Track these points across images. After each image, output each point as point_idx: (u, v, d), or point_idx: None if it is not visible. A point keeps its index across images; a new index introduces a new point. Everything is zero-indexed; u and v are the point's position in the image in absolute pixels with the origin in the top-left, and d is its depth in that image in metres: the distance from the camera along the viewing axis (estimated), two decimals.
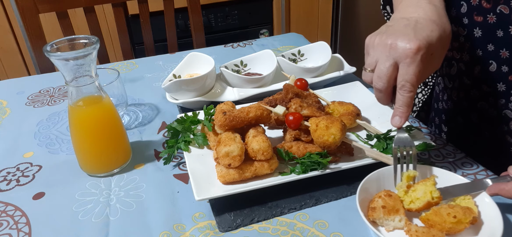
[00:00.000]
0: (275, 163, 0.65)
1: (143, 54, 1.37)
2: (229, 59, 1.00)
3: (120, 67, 1.14)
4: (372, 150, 0.67)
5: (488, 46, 0.70)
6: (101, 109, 0.70)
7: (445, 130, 0.87)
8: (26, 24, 1.25)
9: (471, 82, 0.76)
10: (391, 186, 0.60)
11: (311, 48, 1.02)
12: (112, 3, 1.36)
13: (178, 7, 1.62)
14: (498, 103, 0.72)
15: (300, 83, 0.80)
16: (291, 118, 0.67)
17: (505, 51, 0.68)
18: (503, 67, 0.69)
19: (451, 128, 0.85)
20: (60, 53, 0.63)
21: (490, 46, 0.70)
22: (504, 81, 0.70)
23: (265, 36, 2.21)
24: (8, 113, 0.94)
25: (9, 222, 0.63)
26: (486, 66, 0.71)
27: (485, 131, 0.77)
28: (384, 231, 0.55)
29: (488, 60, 0.71)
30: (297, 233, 0.59)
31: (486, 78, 0.72)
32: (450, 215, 0.52)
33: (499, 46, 0.68)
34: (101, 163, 0.71)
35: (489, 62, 0.71)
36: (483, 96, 0.75)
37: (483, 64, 0.72)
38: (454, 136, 0.85)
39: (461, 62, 0.76)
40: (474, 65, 0.74)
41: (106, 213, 0.64)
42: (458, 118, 0.82)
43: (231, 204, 0.63)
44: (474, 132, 0.79)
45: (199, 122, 0.76)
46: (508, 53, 0.68)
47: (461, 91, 0.79)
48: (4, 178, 0.73)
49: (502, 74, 0.70)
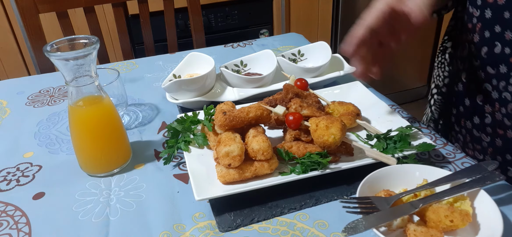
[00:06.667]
0: (275, 163, 0.65)
1: (143, 54, 1.37)
2: (229, 59, 1.00)
3: (120, 67, 1.14)
4: (372, 150, 0.67)
5: (495, 27, 0.71)
6: (101, 109, 0.70)
7: (454, 113, 0.88)
8: (26, 24, 1.25)
9: (478, 63, 0.77)
10: (391, 186, 0.60)
11: (311, 48, 1.02)
12: (112, 3, 1.36)
13: (178, 7, 1.62)
14: (500, 85, 0.73)
15: (300, 83, 0.80)
16: (291, 118, 0.67)
17: (509, 32, 0.69)
18: (506, 48, 0.70)
19: (459, 111, 0.87)
20: (60, 53, 0.63)
21: (497, 27, 0.70)
22: (506, 63, 0.71)
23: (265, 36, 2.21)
24: (8, 113, 0.94)
25: (9, 222, 0.63)
26: (491, 47, 0.72)
27: (488, 114, 0.78)
28: (384, 231, 0.55)
29: (494, 41, 0.72)
30: (297, 233, 0.59)
31: (491, 59, 0.73)
32: (448, 218, 0.52)
33: (504, 28, 0.69)
34: (101, 163, 0.71)
35: (495, 44, 0.71)
36: (487, 77, 0.75)
37: (489, 46, 0.73)
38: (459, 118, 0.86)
39: (472, 44, 0.77)
40: (482, 47, 0.75)
41: (106, 213, 0.64)
42: (466, 101, 0.83)
43: (231, 204, 0.63)
44: (478, 114, 0.80)
45: (199, 122, 0.76)
46: (511, 35, 0.68)
47: (470, 73, 0.80)
48: (4, 178, 0.73)
49: (505, 56, 0.71)
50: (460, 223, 0.52)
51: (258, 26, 2.19)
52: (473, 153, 0.85)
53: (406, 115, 0.84)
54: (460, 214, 0.52)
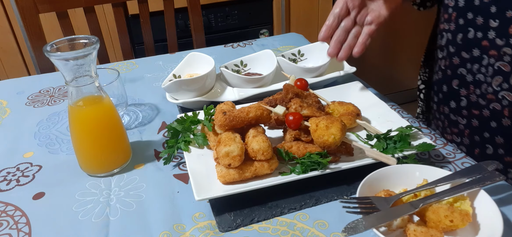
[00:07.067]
0: (275, 163, 0.65)
1: (143, 54, 1.37)
2: (229, 59, 1.00)
3: (120, 67, 1.14)
4: (372, 150, 0.67)
5: (468, 14, 0.78)
6: (101, 109, 0.70)
7: (435, 101, 0.95)
8: (26, 24, 1.25)
9: (454, 50, 0.84)
10: (391, 186, 0.60)
11: (311, 48, 1.02)
12: (112, 3, 1.36)
13: (178, 7, 1.62)
14: (473, 68, 0.80)
15: (300, 83, 0.80)
16: (291, 118, 0.67)
17: (480, 18, 0.76)
18: (478, 33, 0.77)
19: (438, 98, 0.94)
20: (60, 53, 0.63)
21: (469, 14, 0.78)
22: (478, 46, 0.78)
23: (265, 36, 2.21)
24: (8, 113, 0.94)
25: (9, 222, 0.63)
26: (465, 33, 0.80)
27: (463, 97, 0.84)
28: (384, 231, 0.55)
29: (468, 27, 0.79)
30: (297, 233, 0.59)
31: (465, 44, 0.81)
32: (447, 218, 0.52)
33: (476, 14, 0.77)
34: (101, 163, 0.71)
35: (468, 29, 0.79)
36: (462, 62, 0.82)
37: (463, 32, 0.80)
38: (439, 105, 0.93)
39: (449, 32, 0.85)
40: (457, 33, 0.82)
41: (106, 213, 0.64)
42: (443, 87, 0.90)
43: (231, 204, 0.63)
44: (454, 98, 0.87)
45: (199, 122, 0.76)
46: (482, 20, 0.76)
47: (447, 59, 0.87)
48: (4, 178, 0.73)
49: (477, 40, 0.78)
50: (460, 223, 0.52)
51: (258, 26, 2.19)
52: (451, 137, 0.90)
53: (406, 115, 0.84)
54: (460, 214, 0.52)
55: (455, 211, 0.53)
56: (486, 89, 0.78)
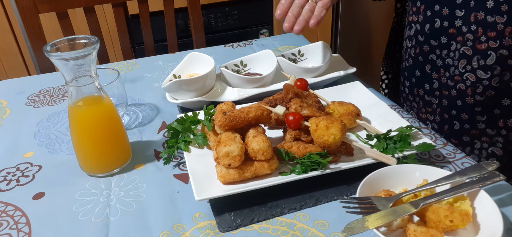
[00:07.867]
0: (275, 163, 0.65)
1: (143, 54, 1.37)
2: (229, 59, 1.00)
3: (120, 67, 1.14)
4: (372, 150, 0.67)
5: (435, 6, 0.88)
6: (101, 109, 0.70)
7: (407, 85, 1.04)
8: (26, 24, 1.25)
9: (423, 38, 0.93)
10: (391, 186, 0.60)
11: (311, 48, 1.02)
12: (112, 3, 1.36)
13: (178, 7, 1.62)
14: (442, 54, 0.90)
15: (300, 83, 0.80)
16: (291, 118, 0.67)
17: (446, 9, 0.86)
18: (444, 22, 0.87)
19: (411, 82, 1.02)
20: (60, 53, 0.63)
21: (436, 6, 0.88)
22: (445, 34, 0.88)
23: (265, 36, 2.21)
24: (8, 113, 0.94)
25: (9, 222, 0.63)
26: (433, 23, 0.90)
27: (435, 80, 0.94)
28: (384, 231, 0.55)
29: (435, 18, 0.89)
30: (297, 233, 0.59)
31: (433, 33, 0.90)
32: (447, 218, 0.52)
33: (442, 5, 0.87)
34: (101, 163, 0.71)
35: (435, 20, 0.89)
36: (432, 49, 0.92)
37: (431, 22, 0.90)
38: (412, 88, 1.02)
39: (417, 23, 0.94)
40: (425, 24, 0.92)
41: (106, 213, 0.64)
42: (416, 72, 0.99)
43: (231, 204, 0.63)
44: (428, 81, 0.96)
45: (199, 122, 0.76)
46: (447, 10, 0.85)
47: (417, 47, 0.96)
48: (4, 178, 0.73)
49: (444, 29, 0.88)
50: (460, 223, 0.52)
51: (258, 26, 2.19)
52: (426, 116, 1.00)
53: (406, 115, 0.84)
54: (460, 214, 0.52)
55: (455, 211, 0.53)
56: (453, 71, 0.88)
